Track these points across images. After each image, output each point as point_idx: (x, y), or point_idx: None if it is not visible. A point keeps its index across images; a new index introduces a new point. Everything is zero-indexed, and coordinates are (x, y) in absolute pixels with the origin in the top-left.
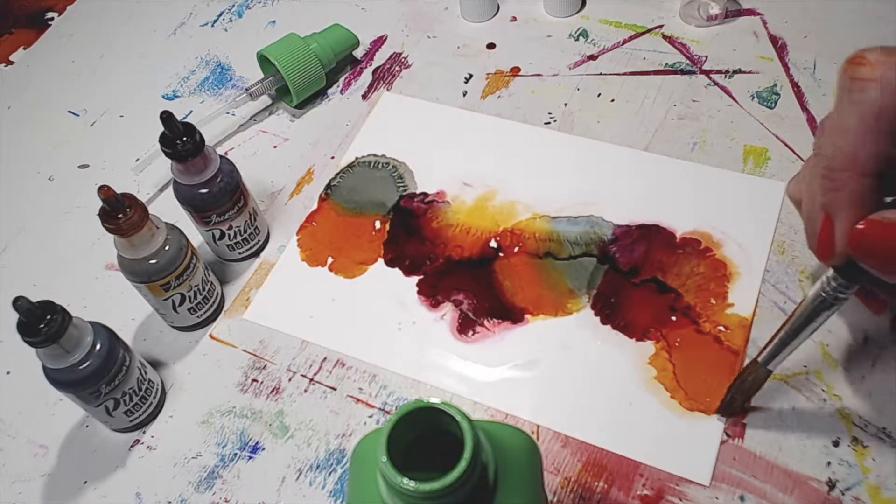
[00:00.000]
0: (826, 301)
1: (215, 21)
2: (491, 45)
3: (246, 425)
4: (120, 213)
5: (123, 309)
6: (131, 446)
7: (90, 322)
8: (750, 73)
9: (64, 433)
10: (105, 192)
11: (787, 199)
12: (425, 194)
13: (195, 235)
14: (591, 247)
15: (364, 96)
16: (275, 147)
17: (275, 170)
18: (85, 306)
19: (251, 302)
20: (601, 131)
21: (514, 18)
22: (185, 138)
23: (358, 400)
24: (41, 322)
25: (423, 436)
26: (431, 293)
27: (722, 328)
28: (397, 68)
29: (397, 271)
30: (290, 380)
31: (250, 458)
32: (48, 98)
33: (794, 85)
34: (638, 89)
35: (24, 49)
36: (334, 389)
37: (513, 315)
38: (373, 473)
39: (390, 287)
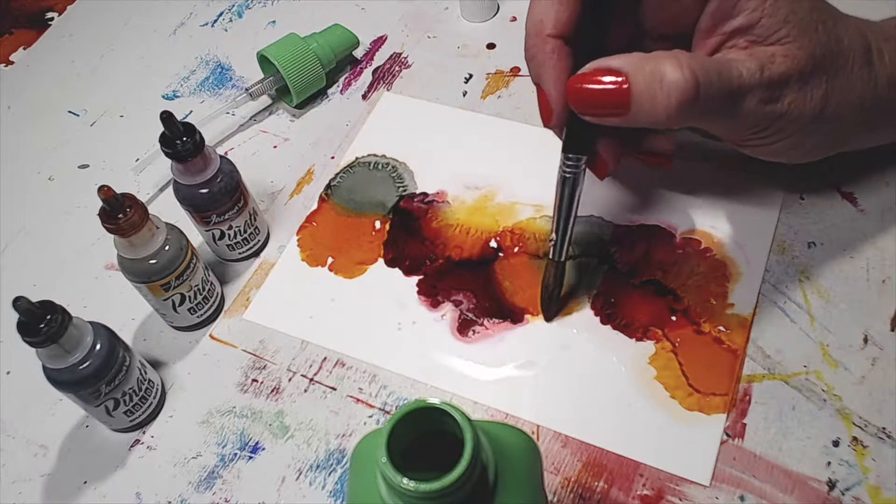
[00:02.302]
0: (565, 178)
1: (215, 21)
2: (491, 45)
3: (246, 425)
4: (120, 213)
5: (123, 309)
6: (131, 446)
7: (90, 322)
8: None
9: (64, 433)
10: (105, 192)
11: (786, 198)
12: (425, 194)
13: (195, 235)
14: (591, 247)
15: (364, 96)
16: (275, 147)
17: (275, 170)
18: (85, 306)
19: (251, 302)
20: None
21: (514, 18)
22: (185, 138)
23: (358, 400)
24: (41, 322)
25: (423, 436)
26: (431, 293)
27: (722, 328)
28: (397, 68)
29: (397, 271)
30: (290, 380)
31: (250, 458)
32: (48, 98)
33: None
34: None
35: (24, 49)
36: (334, 389)
37: (513, 315)
38: (373, 473)
39: (390, 287)
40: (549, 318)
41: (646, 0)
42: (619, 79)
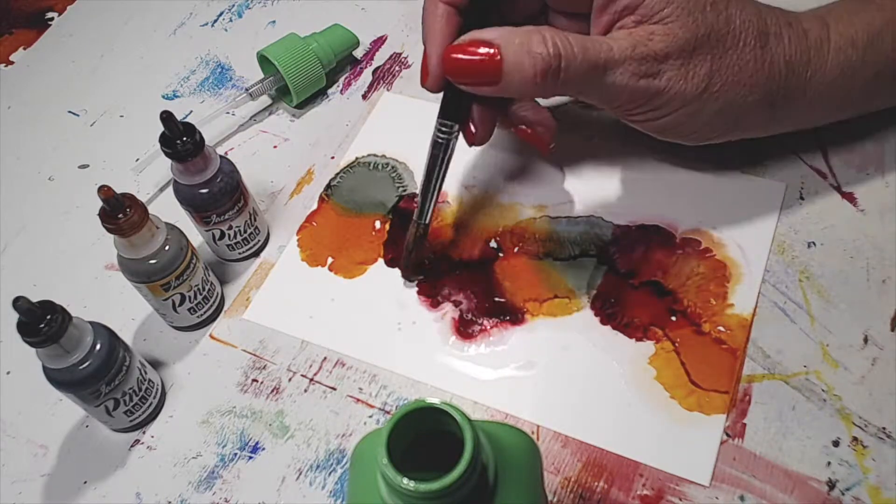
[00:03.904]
0: (437, 142)
1: (215, 21)
2: None
3: (246, 425)
4: (120, 213)
5: (123, 309)
6: (131, 446)
7: (90, 322)
8: None
9: (64, 433)
10: (105, 192)
11: (786, 198)
12: None
13: (195, 235)
14: (591, 247)
15: (364, 96)
16: (275, 147)
17: (275, 170)
18: (85, 306)
19: (251, 302)
20: (602, 132)
21: None
22: (185, 138)
23: (358, 400)
24: (41, 322)
25: (423, 436)
26: (431, 293)
27: (722, 328)
28: (397, 68)
29: (397, 271)
30: (290, 380)
31: (250, 458)
32: (48, 98)
33: None
34: None
35: (24, 49)
36: (334, 389)
37: (513, 315)
38: (373, 473)
39: (390, 287)
40: (406, 277)
41: None
42: (492, 50)
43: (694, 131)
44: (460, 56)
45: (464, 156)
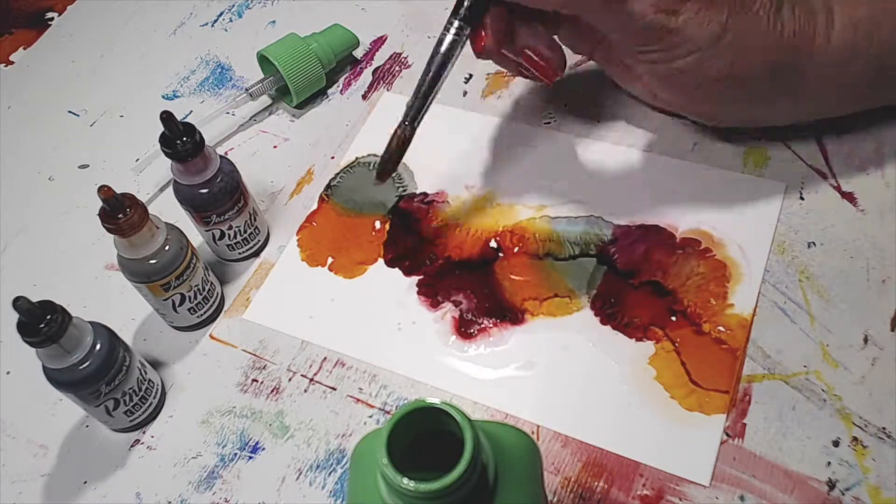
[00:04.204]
0: (442, 39)
1: (215, 21)
2: None
3: (246, 425)
4: (120, 213)
5: (123, 309)
6: (131, 446)
7: (90, 322)
8: None
9: (64, 433)
10: (105, 192)
11: (786, 198)
12: (425, 194)
13: (195, 235)
14: (591, 247)
15: (364, 96)
16: (275, 147)
17: (275, 170)
18: (85, 306)
19: (251, 302)
20: (602, 131)
21: None
22: (185, 138)
23: (358, 400)
24: (41, 322)
25: (423, 436)
26: (431, 293)
27: (722, 328)
28: (397, 68)
29: (397, 271)
30: (290, 380)
31: (250, 458)
32: (48, 98)
33: None
34: None
35: (24, 49)
36: (334, 389)
37: (513, 315)
38: (373, 473)
39: (390, 287)
40: (380, 179)
41: None
42: None
43: (697, 87)
44: None
45: (464, 156)
